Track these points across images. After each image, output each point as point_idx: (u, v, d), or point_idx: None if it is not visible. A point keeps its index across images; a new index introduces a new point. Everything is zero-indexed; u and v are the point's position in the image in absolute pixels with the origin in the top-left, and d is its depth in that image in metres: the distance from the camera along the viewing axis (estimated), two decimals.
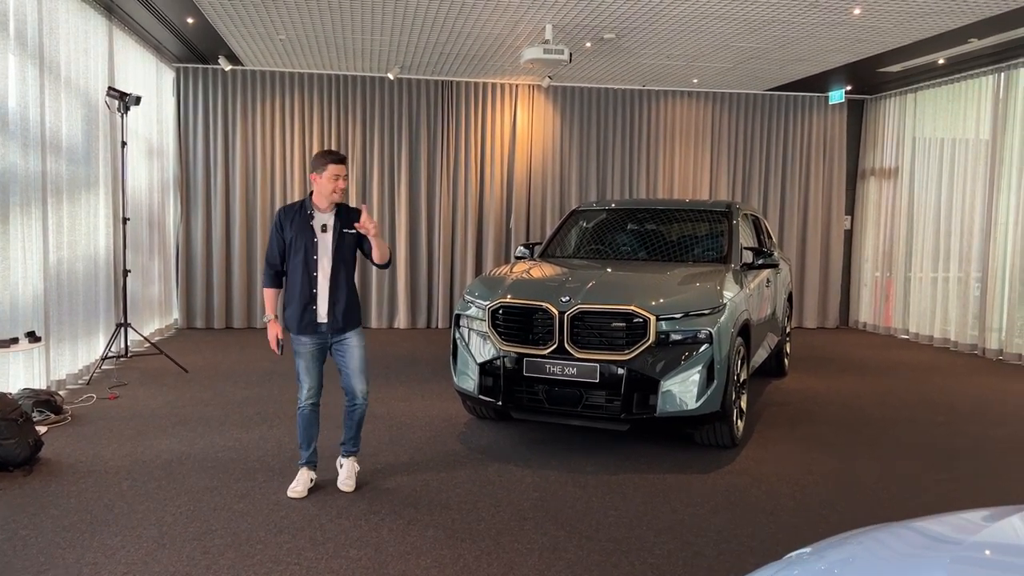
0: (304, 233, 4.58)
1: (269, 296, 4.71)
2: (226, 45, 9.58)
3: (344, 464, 4.82)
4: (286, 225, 4.59)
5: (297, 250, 4.57)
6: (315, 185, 4.63)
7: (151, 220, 9.79)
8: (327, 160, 4.58)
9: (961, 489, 4.97)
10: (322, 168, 4.58)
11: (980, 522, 2.09)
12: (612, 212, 7.52)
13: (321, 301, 4.59)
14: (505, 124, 11.54)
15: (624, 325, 5.30)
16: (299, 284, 4.57)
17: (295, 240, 4.57)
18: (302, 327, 4.60)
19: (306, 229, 4.59)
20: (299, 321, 4.59)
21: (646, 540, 4.07)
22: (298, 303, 4.58)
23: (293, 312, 4.60)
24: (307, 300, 4.58)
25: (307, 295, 4.58)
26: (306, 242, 4.57)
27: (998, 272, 9.78)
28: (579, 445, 5.72)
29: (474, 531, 4.12)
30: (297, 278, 4.57)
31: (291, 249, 4.58)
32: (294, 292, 4.59)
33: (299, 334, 4.61)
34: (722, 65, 10.03)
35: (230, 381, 7.65)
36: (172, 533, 4.03)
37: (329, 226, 4.61)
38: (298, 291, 4.58)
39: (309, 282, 4.58)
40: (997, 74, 9.77)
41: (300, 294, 4.58)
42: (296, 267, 4.58)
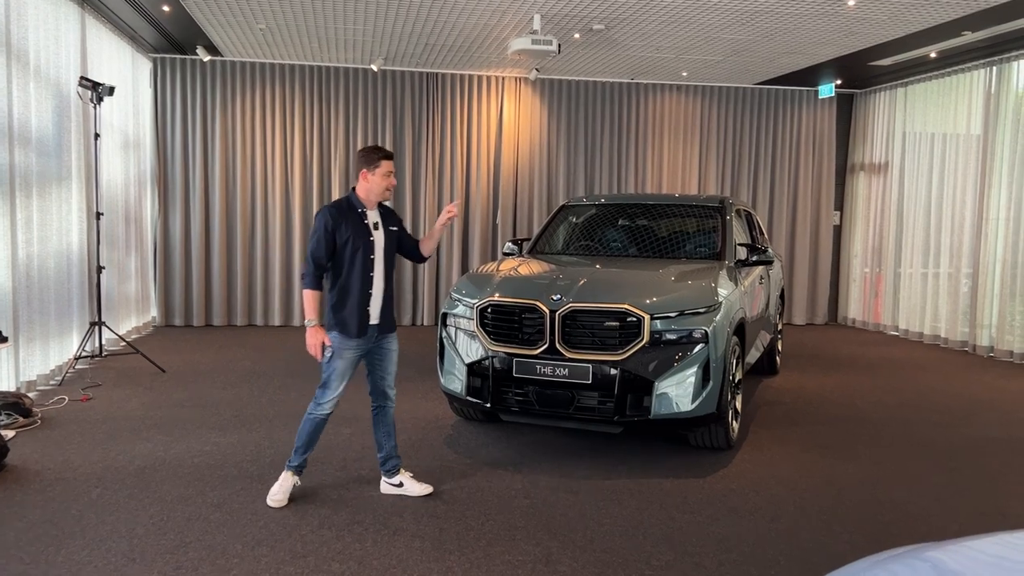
0: (360, 232, 4.37)
1: (314, 299, 4.37)
2: (204, 35, 9.31)
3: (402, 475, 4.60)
4: (340, 224, 4.34)
5: (354, 250, 4.34)
6: (365, 182, 4.43)
7: (127, 215, 9.51)
8: (380, 156, 4.40)
9: (963, 494, 4.83)
10: (375, 165, 4.40)
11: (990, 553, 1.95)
12: (602, 207, 7.34)
13: (375, 302, 4.42)
14: (492, 117, 11.32)
15: (617, 324, 5.12)
16: (356, 285, 4.35)
17: (351, 240, 4.34)
18: (359, 330, 4.38)
19: (361, 228, 4.38)
20: (357, 323, 4.37)
21: (643, 550, 3.90)
22: (355, 305, 4.36)
23: (348, 314, 4.36)
24: (364, 301, 4.38)
25: (364, 296, 4.38)
26: (363, 242, 4.36)
27: (989, 268, 9.69)
28: (571, 449, 5.53)
29: (463, 542, 3.93)
30: (353, 279, 4.35)
31: (345, 249, 4.35)
32: (349, 293, 4.36)
33: (354, 337, 4.39)
34: (712, 58, 9.86)
35: (208, 381, 7.41)
36: (143, 546, 3.81)
37: (380, 224, 4.46)
38: (355, 292, 4.36)
39: (366, 283, 4.38)
40: (989, 68, 9.66)
41: (357, 295, 4.36)
42: (352, 268, 4.35)
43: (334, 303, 4.39)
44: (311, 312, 4.36)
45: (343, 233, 4.33)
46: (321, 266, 4.35)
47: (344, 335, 4.37)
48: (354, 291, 4.36)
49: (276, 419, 6.14)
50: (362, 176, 4.43)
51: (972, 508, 4.58)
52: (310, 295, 4.36)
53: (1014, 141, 9.34)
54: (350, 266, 4.35)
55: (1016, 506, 4.63)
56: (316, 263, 4.34)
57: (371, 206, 4.46)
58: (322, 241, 4.32)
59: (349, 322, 4.35)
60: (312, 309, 4.37)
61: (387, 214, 4.54)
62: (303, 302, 4.42)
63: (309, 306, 4.37)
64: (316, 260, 4.34)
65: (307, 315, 4.37)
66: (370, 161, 4.41)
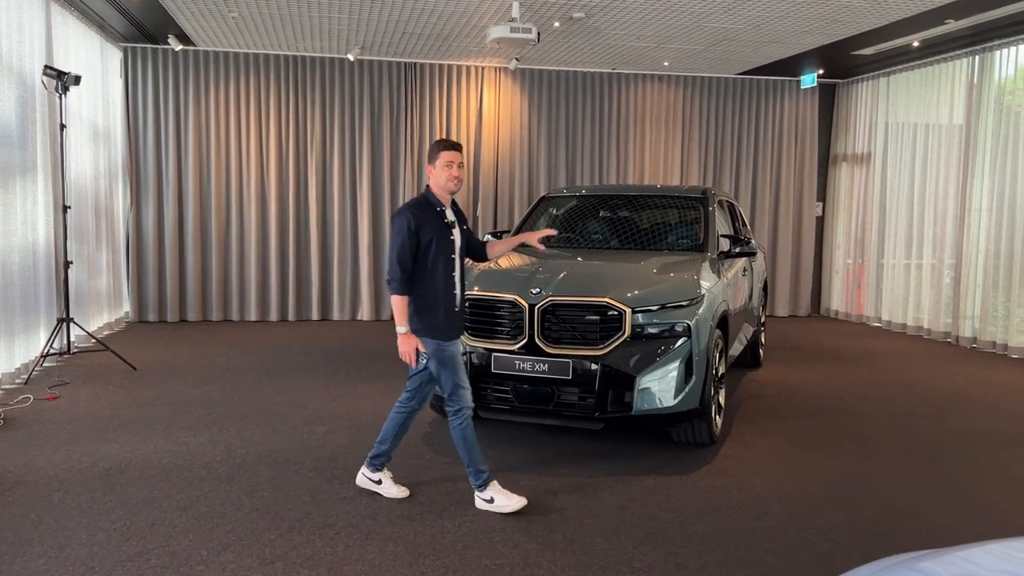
0: (441, 232, 4.23)
1: (405, 304, 4.18)
2: (175, 23, 9.07)
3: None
4: (423, 225, 4.17)
5: (438, 251, 4.20)
6: (431, 177, 4.30)
7: (97, 208, 9.27)
8: (439, 147, 4.28)
9: (951, 488, 4.75)
10: (435, 157, 4.28)
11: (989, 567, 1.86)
12: (583, 199, 7.21)
13: (457, 304, 4.30)
14: (471, 108, 11.15)
15: (598, 318, 4.99)
16: (442, 287, 4.22)
17: (435, 241, 4.19)
18: (451, 331, 4.24)
19: (442, 228, 4.24)
20: (448, 326, 4.23)
21: (625, 551, 3.77)
22: (443, 307, 4.22)
23: (439, 318, 4.20)
24: (451, 302, 4.26)
25: (451, 297, 4.26)
26: (444, 242, 4.23)
27: (971, 259, 9.65)
28: (552, 446, 5.40)
29: (438, 545, 3.79)
30: (438, 281, 4.21)
31: (429, 250, 4.18)
32: (436, 296, 4.21)
33: (449, 340, 4.23)
34: (694, 47, 9.74)
35: (180, 379, 7.22)
36: (103, 554, 3.64)
37: (456, 222, 4.33)
38: (441, 294, 4.22)
39: (450, 283, 4.26)
40: (972, 57, 9.60)
41: (444, 297, 4.23)
42: (435, 269, 4.20)
43: (420, 307, 4.20)
44: (402, 318, 4.17)
45: (426, 233, 4.17)
46: (408, 269, 4.15)
47: (439, 339, 4.21)
48: (440, 294, 4.21)
49: (249, 417, 5.97)
50: (427, 171, 4.31)
51: (961, 503, 4.49)
52: (400, 301, 4.16)
53: (996, 131, 9.29)
54: (433, 267, 4.20)
55: (1005, 500, 4.55)
56: (403, 266, 4.14)
57: (446, 203, 4.32)
58: (407, 242, 4.14)
59: (439, 326, 4.20)
60: (403, 315, 4.17)
61: (458, 212, 4.41)
62: (394, 308, 4.18)
63: (400, 312, 4.17)
64: (403, 263, 4.14)
65: (398, 322, 4.17)
66: (431, 155, 4.30)
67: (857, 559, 3.73)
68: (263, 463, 4.92)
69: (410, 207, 4.22)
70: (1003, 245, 9.16)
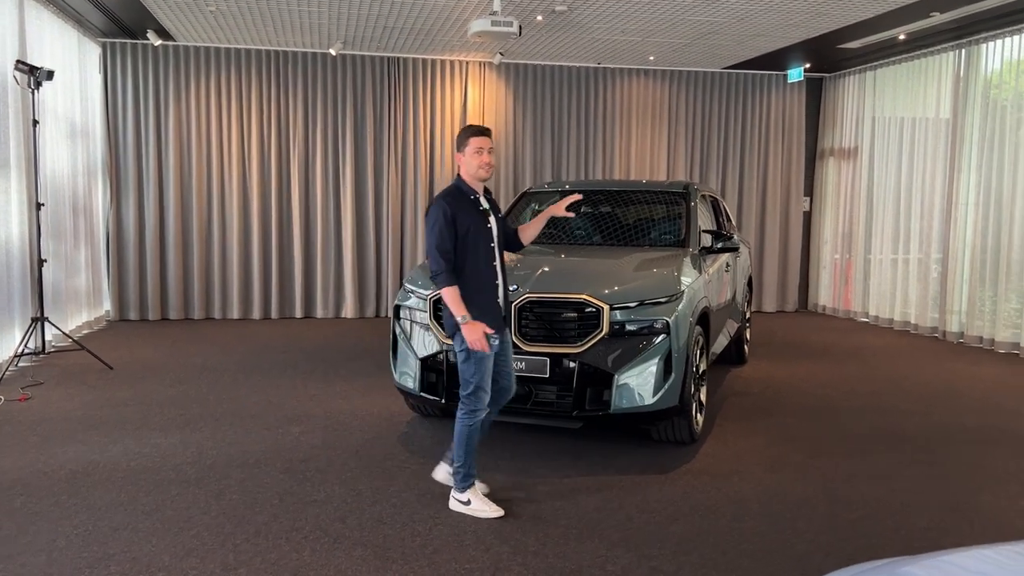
0: (478, 220, 4.12)
1: (458, 293, 4.02)
2: (153, 18, 8.93)
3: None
4: (459, 214, 4.06)
5: (476, 240, 4.09)
6: (461, 165, 4.19)
7: (75, 205, 9.13)
8: (468, 134, 4.16)
9: (935, 487, 4.68)
10: (464, 144, 4.16)
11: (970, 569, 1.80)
12: (565, 194, 7.09)
13: (500, 292, 4.18)
14: (455, 103, 11.04)
15: (576, 315, 4.91)
16: (483, 277, 4.12)
17: (472, 230, 4.07)
18: (496, 323, 4.12)
19: (477, 216, 4.13)
20: (493, 317, 4.11)
21: (598, 554, 3.69)
22: (486, 298, 4.11)
23: (484, 309, 4.08)
24: (493, 293, 4.15)
25: (492, 287, 4.15)
26: (482, 230, 4.12)
27: (958, 253, 9.60)
28: (529, 446, 5.31)
29: (407, 549, 3.70)
30: (478, 271, 4.10)
31: (467, 239, 4.07)
32: (478, 287, 4.09)
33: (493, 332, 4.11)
34: (679, 41, 9.65)
35: (157, 378, 7.10)
36: (62, 560, 3.54)
37: (489, 209, 4.21)
38: (484, 285, 4.11)
39: (491, 273, 4.15)
40: (958, 50, 9.54)
41: (486, 287, 4.12)
42: (476, 258, 4.10)
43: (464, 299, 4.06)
44: (460, 307, 4.00)
45: (463, 222, 4.06)
46: (451, 259, 4.03)
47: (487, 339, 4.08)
48: (483, 283, 4.11)
49: (223, 418, 5.86)
50: (457, 159, 4.21)
51: (943, 502, 4.42)
52: (452, 292, 4.02)
53: (983, 125, 9.23)
54: (474, 257, 4.09)
55: (988, 499, 4.48)
56: (445, 256, 4.02)
57: (479, 190, 4.20)
58: (445, 231, 4.02)
59: (485, 318, 4.07)
60: (460, 304, 4.01)
61: (491, 200, 4.29)
62: (447, 302, 4.03)
63: (456, 302, 4.01)
64: (444, 253, 4.02)
65: (457, 312, 4.00)
66: (459, 142, 4.19)
67: (834, 561, 3.66)
68: (234, 465, 4.82)
69: (443, 197, 4.11)
70: (990, 239, 9.11)
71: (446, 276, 4.02)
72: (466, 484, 4.16)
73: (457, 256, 4.06)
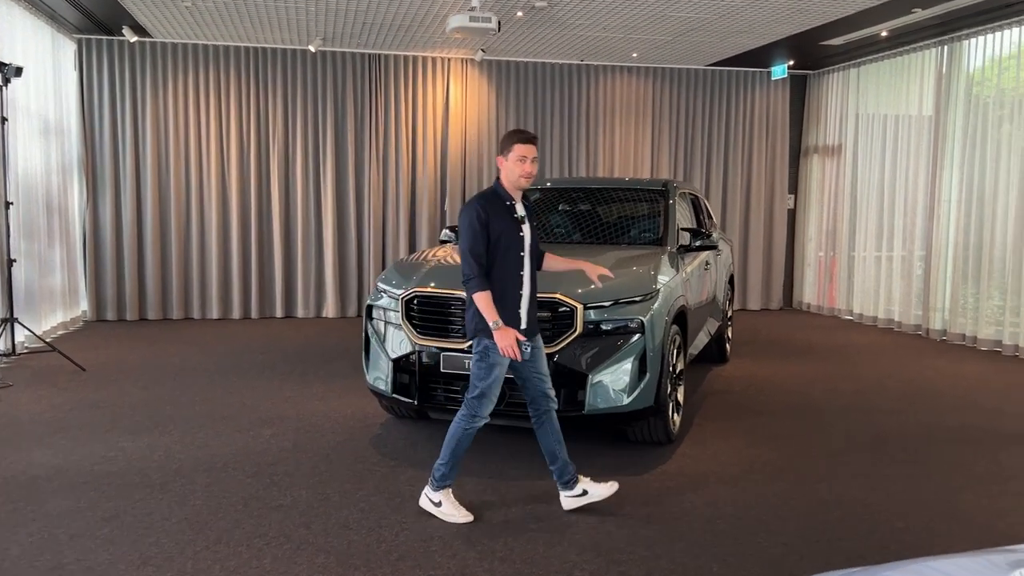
0: (511, 227, 4.00)
1: (490, 298, 3.92)
2: (128, 14, 8.80)
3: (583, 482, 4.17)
4: (492, 219, 3.95)
5: (507, 247, 3.98)
6: (502, 169, 4.07)
7: (49, 204, 8.99)
8: (513, 140, 4.04)
9: (913, 487, 4.62)
10: (508, 150, 4.04)
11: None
12: (545, 192, 7.04)
13: (523, 304, 4.06)
14: (437, 100, 10.94)
15: (549, 315, 4.82)
16: (507, 286, 4.01)
17: (503, 236, 3.97)
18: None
19: (511, 223, 4.01)
20: (515, 328, 4.00)
21: (567, 559, 3.61)
22: (508, 306, 3.99)
23: (504, 318, 3.96)
24: (515, 303, 4.03)
25: (515, 297, 4.03)
26: (514, 237, 4.00)
27: (941, 251, 9.57)
28: (502, 447, 5.23)
29: (372, 556, 3.61)
30: (505, 278, 4.00)
31: (498, 245, 3.96)
32: (501, 294, 3.98)
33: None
34: (661, 37, 9.57)
35: (130, 380, 6.99)
36: (13, 570, 3.43)
37: (525, 217, 4.10)
38: (507, 294, 4.01)
39: (516, 283, 4.03)
40: (940, 47, 9.50)
41: (509, 297, 4.01)
42: (504, 266, 3.99)
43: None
44: (492, 313, 3.90)
45: (495, 227, 3.95)
46: (483, 264, 3.93)
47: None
48: (507, 291, 4.00)
49: (195, 420, 5.76)
50: (499, 163, 4.09)
51: (921, 502, 4.36)
52: (484, 297, 3.91)
53: (965, 122, 9.20)
54: (502, 264, 3.99)
55: (968, 499, 4.42)
56: (477, 260, 3.92)
57: (516, 197, 4.09)
58: (478, 235, 3.92)
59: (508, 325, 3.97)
60: (492, 309, 3.90)
61: (528, 208, 4.17)
62: (479, 307, 3.91)
63: (488, 308, 3.90)
64: (476, 257, 3.92)
65: (489, 317, 3.89)
66: (503, 146, 4.06)
67: (808, 565, 3.59)
68: (200, 469, 4.72)
69: (478, 200, 4.01)
70: (972, 237, 9.08)
71: (478, 281, 3.92)
72: (442, 484, 4.07)
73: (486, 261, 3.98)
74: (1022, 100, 8.53)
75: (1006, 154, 8.70)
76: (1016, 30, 8.51)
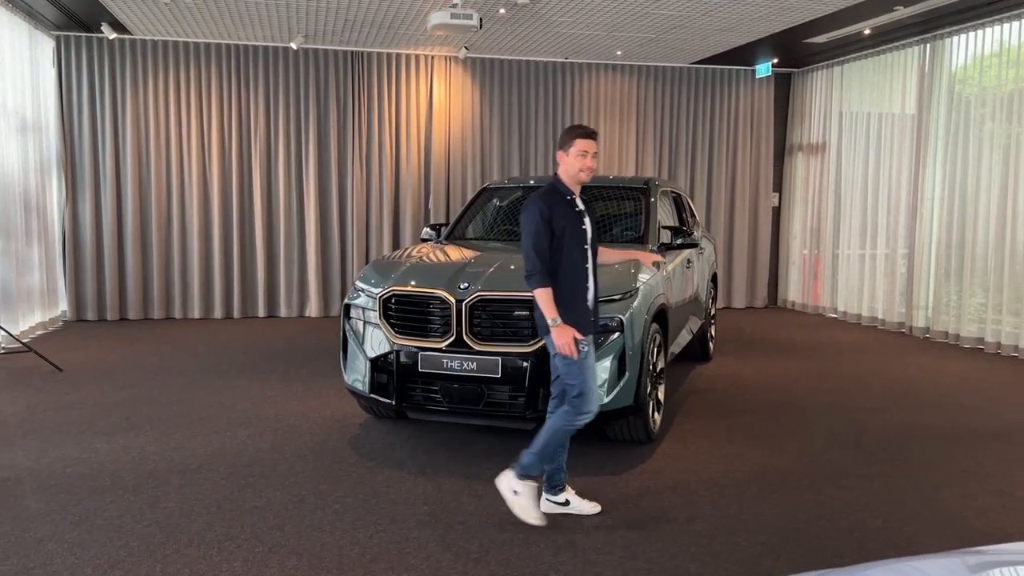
0: (573, 221, 3.98)
1: (551, 295, 3.89)
2: (107, 11, 8.70)
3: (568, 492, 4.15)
4: (555, 214, 3.92)
5: (572, 243, 3.96)
6: (561, 164, 4.06)
7: (27, 203, 8.89)
8: (574, 135, 4.03)
9: (892, 485, 4.61)
10: (568, 144, 4.03)
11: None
12: (527, 189, 6.99)
13: (590, 297, 4.05)
14: (421, 98, 10.88)
15: (527, 313, 4.78)
16: (576, 279, 3.99)
17: (566, 231, 3.94)
18: (585, 327, 3.98)
19: (573, 216, 3.99)
20: (585, 321, 3.98)
21: (542, 560, 3.57)
22: (577, 300, 3.98)
23: (572, 311, 3.93)
24: (584, 295, 4.01)
25: (583, 291, 4.01)
26: (577, 231, 3.98)
27: (924, 249, 9.58)
28: (482, 447, 5.19)
29: (344, 558, 3.56)
30: (572, 272, 3.97)
31: (562, 240, 3.93)
32: (571, 289, 3.96)
33: (584, 336, 3.96)
34: (645, 35, 9.55)
35: (108, 380, 6.91)
36: None
37: (585, 212, 4.08)
38: (576, 287, 3.99)
39: (583, 277, 4.02)
40: (923, 45, 9.51)
41: (578, 290, 3.99)
42: (570, 260, 3.97)
43: (556, 300, 3.90)
44: (552, 310, 3.86)
45: (559, 222, 3.93)
46: (547, 260, 3.90)
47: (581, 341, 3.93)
48: (576, 285, 3.98)
49: (171, 421, 5.69)
50: (558, 158, 4.08)
51: (898, 501, 4.35)
52: (546, 293, 3.88)
53: (948, 120, 9.22)
54: (569, 258, 3.96)
55: (944, 497, 4.41)
56: (541, 256, 3.89)
57: (576, 191, 4.08)
58: (542, 230, 3.90)
59: (575, 320, 3.93)
60: (552, 306, 3.87)
61: (586, 202, 4.16)
62: (540, 303, 3.88)
63: (548, 305, 3.87)
64: (540, 252, 3.89)
65: (548, 314, 3.86)
66: (564, 141, 4.05)
67: (786, 564, 3.57)
68: (174, 471, 4.66)
69: (541, 196, 3.99)
70: (955, 235, 9.10)
71: (541, 277, 3.89)
72: (528, 474, 3.96)
73: (551, 257, 3.94)
74: (1004, 98, 8.55)
75: (988, 152, 8.72)
76: (997, 28, 8.53)
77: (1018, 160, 8.32)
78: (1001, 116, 8.59)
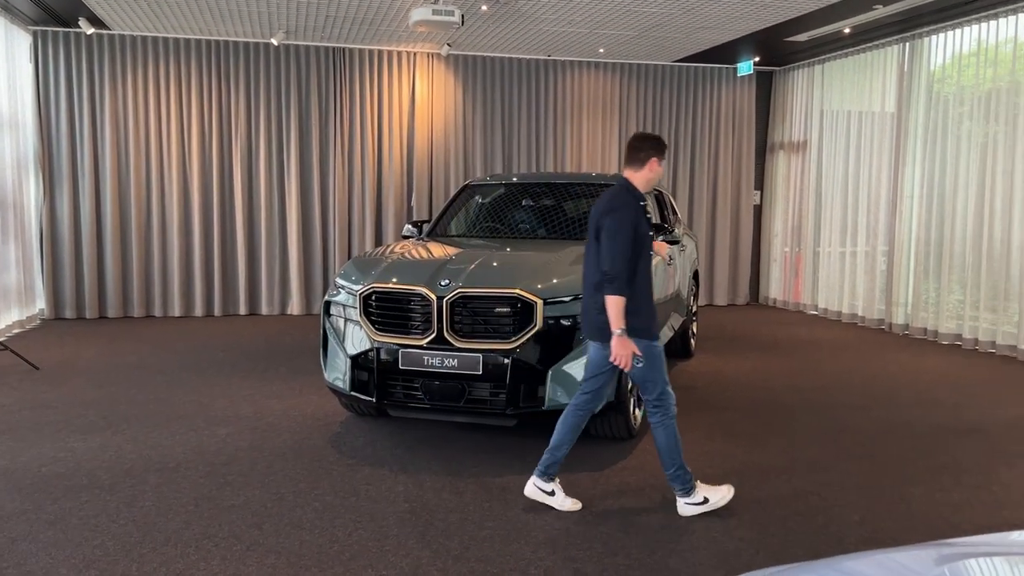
0: (647, 229, 4.00)
1: (623, 306, 3.85)
2: (85, 5, 8.61)
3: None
4: (639, 222, 3.91)
5: (646, 248, 3.98)
6: (650, 172, 4.09)
7: (3, 200, 8.78)
8: (664, 147, 4.14)
9: (869, 481, 4.64)
10: (663, 155, 4.11)
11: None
12: (508, 187, 7.01)
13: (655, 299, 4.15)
14: (403, 95, 10.85)
15: (508, 310, 4.79)
16: (648, 286, 4.04)
17: (645, 238, 3.95)
18: (657, 329, 4.04)
19: (647, 224, 4.01)
20: (656, 324, 4.05)
21: (522, 557, 3.57)
22: (649, 313, 4.02)
23: (649, 316, 4.00)
24: (652, 298, 4.09)
25: (652, 295, 4.08)
26: (647, 237, 4.01)
27: (904, 246, 9.66)
28: (463, 444, 5.18)
29: (323, 556, 3.55)
30: (646, 280, 4.01)
31: (640, 248, 3.93)
32: (645, 295, 4.00)
33: (658, 338, 4.02)
34: (627, 33, 9.56)
35: (86, 379, 6.84)
36: None
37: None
38: (648, 298, 4.04)
39: (650, 279, 4.07)
40: (902, 44, 9.58)
41: (650, 296, 4.06)
42: (645, 267, 4.00)
43: (632, 308, 3.88)
44: (621, 320, 3.83)
45: (641, 230, 3.92)
46: (629, 268, 3.87)
47: (650, 339, 3.97)
48: (650, 291, 4.03)
49: (149, 419, 5.64)
50: (650, 165, 4.05)
51: (875, 496, 4.38)
52: (620, 302, 3.83)
53: (927, 119, 9.29)
54: (645, 265, 3.97)
55: (919, 491, 4.45)
56: (628, 264, 3.86)
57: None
58: (630, 237, 3.86)
59: (653, 326, 4.01)
60: (622, 316, 3.83)
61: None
62: (613, 310, 3.84)
63: (619, 314, 3.83)
64: (628, 260, 3.87)
65: (615, 324, 3.83)
66: (660, 149, 4.06)
67: (763, 558, 3.58)
68: (152, 469, 4.62)
69: (633, 202, 3.97)
70: (933, 232, 9.18)
71: (621, 284, 3.85)
72: (689, 486, 4.03)
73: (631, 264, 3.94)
74: (981, 97, 8.63)
75: (966, 150, 8.80)
76: (975, 28, 8.60)
77: (995, 159, 8.40)
78: (979, 115, 8.67)
